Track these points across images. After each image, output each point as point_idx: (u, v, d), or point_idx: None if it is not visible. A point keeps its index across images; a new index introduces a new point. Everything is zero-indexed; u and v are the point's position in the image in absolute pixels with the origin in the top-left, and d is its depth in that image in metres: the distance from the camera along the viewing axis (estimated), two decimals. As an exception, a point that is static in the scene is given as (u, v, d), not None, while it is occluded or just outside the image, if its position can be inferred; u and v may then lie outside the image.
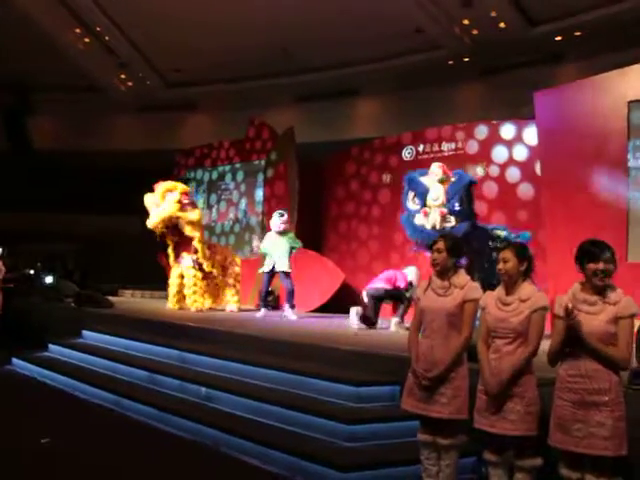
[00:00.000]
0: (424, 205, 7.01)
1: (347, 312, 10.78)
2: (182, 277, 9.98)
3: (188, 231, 9.67)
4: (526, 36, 11.78)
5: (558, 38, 11.75)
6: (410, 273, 8.16)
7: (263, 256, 9.63)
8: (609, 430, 3.22)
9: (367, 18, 12.11)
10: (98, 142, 16.99)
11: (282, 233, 9.46)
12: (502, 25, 11.67)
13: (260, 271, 9.65)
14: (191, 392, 6.15)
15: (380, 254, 10.98)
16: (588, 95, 8.18)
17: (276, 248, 9.35)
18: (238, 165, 13.58)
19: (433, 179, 7.09)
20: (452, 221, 6.92)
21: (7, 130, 17.36)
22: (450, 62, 13.09)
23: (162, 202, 9.58)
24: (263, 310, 9.42)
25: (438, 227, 6.82)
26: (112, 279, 13.62)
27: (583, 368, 3.31)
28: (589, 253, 3.37)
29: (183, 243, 9.85)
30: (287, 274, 9.34)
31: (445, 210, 6.90)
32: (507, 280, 3.65)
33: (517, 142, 9.77)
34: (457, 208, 6.93)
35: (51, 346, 8.73)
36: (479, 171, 10.11)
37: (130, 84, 16.33)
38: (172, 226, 9.69)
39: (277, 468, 4.60)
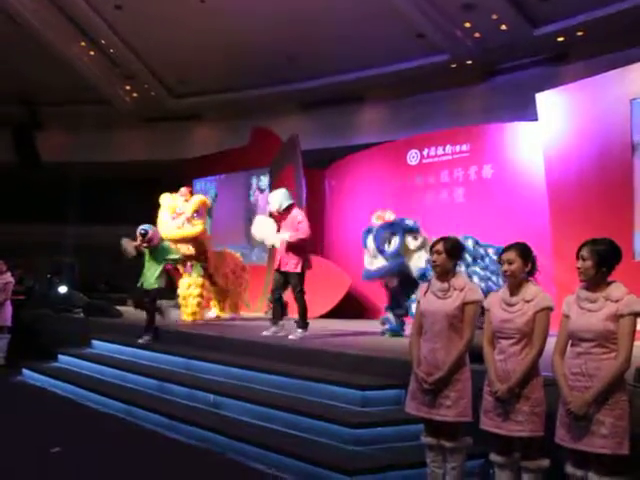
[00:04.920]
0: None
1: (355, 317, 10.85)
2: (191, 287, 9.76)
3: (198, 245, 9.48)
4: (528, 37, 11.76)
5: (560, 39, 11.73)
6: None
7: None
8: (608, 428, 3.21)
9: (369, 24, 12.14)
10: (105, 153, 17.11)
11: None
12: (504, 27, 11.65)
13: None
14: (200, 399, 6.18)
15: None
16: (590, 94, 8.20)
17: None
18: (244, 173, 13.68)
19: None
20: (379, 261, 7.57)
21: (16, 143, 17.52)
22: (453, 65, 13.10)
23: (192, 219, 9.20)
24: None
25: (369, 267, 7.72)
26: (121, 289, 13.68)
27: (584, 367, 3.30)
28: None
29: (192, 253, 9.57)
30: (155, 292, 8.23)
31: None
32: (512, 281, 3.66)
33: (522, 143, 9.78)
34: (382, 248, 7.55)
35: (61, 356, 8.78)
36: (485, 173, 10.16)
37: (135, 95, 16.43)
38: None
39: (284, 473, 4.61)
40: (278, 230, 7.55)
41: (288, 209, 7.49)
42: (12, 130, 17.42)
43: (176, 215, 9.27)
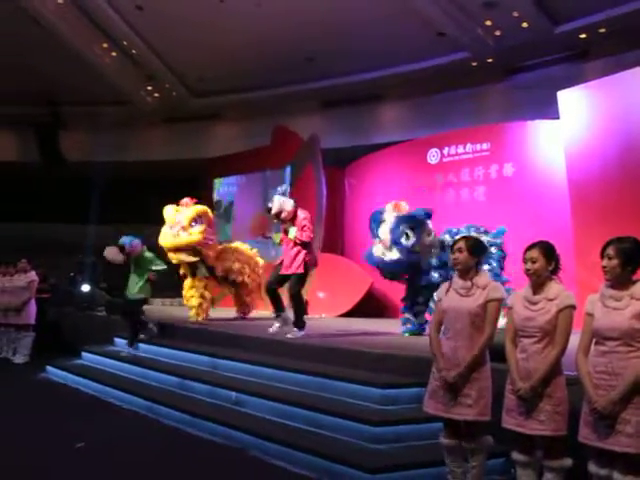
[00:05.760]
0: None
1: (376, 316, 10.84)
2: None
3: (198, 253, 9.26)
4: (550, 35, 11.65)
5: (582, 36, 11.61)
6: None
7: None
8: (634, 427, 3.18)
9: (389, 22, 12.12)
10: (127, 153, 17.25)
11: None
12: (525, 25, 11.56)
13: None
14: (221, 397, 6.23)
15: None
16: (612, 92, 8.12)
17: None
18: (264, 173, 13.72)
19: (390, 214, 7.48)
20: (394, 253, 7.22)
21: (40, 144, 17.72)
22: (473, 64, 13.02)
23: (188, 227, 8.90)
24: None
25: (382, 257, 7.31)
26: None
27: (610, 365, 3.28)
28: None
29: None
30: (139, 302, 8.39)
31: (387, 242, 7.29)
32: (535, 280, 3.64)
33: (544, 141, 9.71)
34: (399, 241, 7.22)
35: (84, 354, 8.91)
36: (506, 172, 10.10)
37: (157, 95, 16.55)
38: None
39: (305, 470, 4.64)
40: (285, 232, 7.52)
41: (294, 212, 7.47)
42: (36, 130, 17.61)
43: (174, 224, 9.04)
